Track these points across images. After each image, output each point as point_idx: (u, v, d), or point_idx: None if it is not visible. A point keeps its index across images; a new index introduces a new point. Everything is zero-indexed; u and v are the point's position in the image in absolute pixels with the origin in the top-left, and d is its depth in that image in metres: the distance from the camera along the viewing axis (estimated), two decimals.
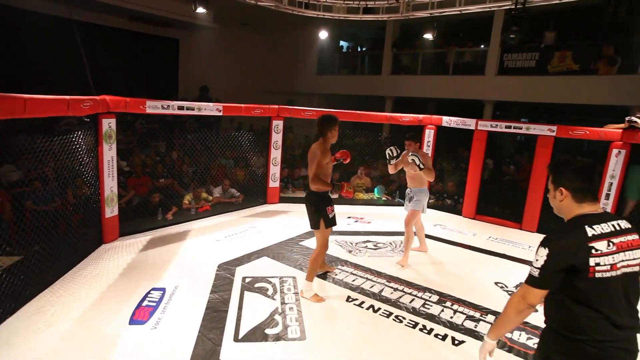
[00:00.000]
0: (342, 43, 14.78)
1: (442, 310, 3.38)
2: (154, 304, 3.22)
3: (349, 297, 3.54)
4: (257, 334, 2.88)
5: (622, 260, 1.44)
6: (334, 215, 3.47)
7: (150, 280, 3.60)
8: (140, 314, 3.06)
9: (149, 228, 4.95)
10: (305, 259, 4.29)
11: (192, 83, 11.21)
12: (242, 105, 5.85)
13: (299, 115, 6.46)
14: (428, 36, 8.34)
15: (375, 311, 3.32)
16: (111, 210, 4.48)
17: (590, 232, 1.44)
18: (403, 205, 6.85)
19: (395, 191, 7.27)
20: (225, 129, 8.74)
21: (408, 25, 10.93)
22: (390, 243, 5.03)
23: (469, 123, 6.30)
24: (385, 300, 3.49)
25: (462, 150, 7.00)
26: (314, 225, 3.45)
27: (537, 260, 1.49)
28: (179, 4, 10.16)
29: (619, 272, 1.43)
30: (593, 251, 1.42)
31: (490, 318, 3.31)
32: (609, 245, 1.43)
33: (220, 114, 5.57)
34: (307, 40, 12.83)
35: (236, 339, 2.82)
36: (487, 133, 6.13)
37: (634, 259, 1.47)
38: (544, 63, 8.89)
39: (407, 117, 6.77)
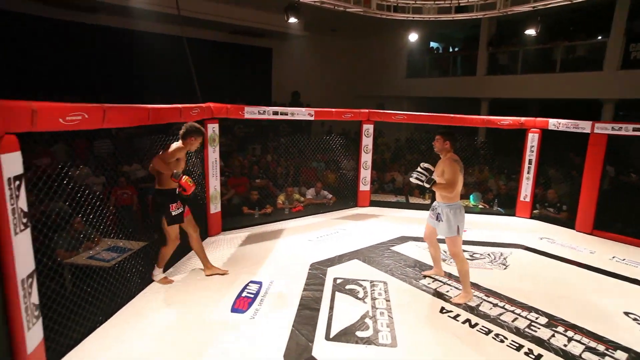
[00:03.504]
0: (432, 44, 14.28)
1: (553, 336, 3.02)
2: (252, 295, 3.43)
3: (443, 308, 3.37)
4: (348, 335, 2.90)
5: None
6: (179, 213, 3.42)
7: (249, 274, 3.85)
8: (240, 304, 3.28)
9: (247, 225, 5.32)
10: (397, 265, 4.21)
11: (285, 89, 11.81)
12: (333, 109, 5.97)
13: (389, 119, 6.39)
14: (530, 32, 7.57)
15: (472, 326, 3.11)
16: (215, 207, 4.91)
17: None
18: (502, 213, 6.41)
19: (493, 199, 6.76)
20: (315, 133, 9.02)
21: (506, 21, 10.14)
22: (489, 254, 4.67)
23: (583, 126, 5.57)
24: (484, 316, 3.25)
25: (573, 156, 6.23)
26: (158, 222, 3.43)
27: None
28: (272, 15, 10.77)
29: None
30: None
31: (620, 355, 2.81)
32: None
33: (312, 118, 5.75)
34: (396, 43, 12.65)
35: (327, 338, 2.86)
36: (607, 137, 5.37)
37: None
38: None
39: (507, 120, 6.25)
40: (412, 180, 3.43)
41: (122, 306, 3.16)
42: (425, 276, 3.94)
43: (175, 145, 3.40)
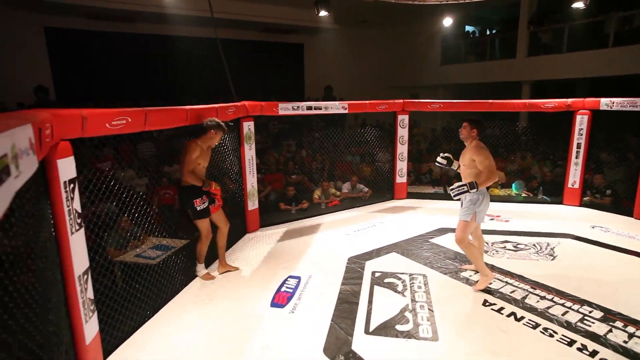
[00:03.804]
0: (468, 28, 13.72)
1: (610, 331, 2.83)
2: (291, 290, 3.48)
3: (485, 301, 3.26)
4: (387, 329, 2.87)
5: None
6: (204, 208, 3.44)
7: (287, 269, 3.91)
8: (280, 298, 3.35)
9: (284, 220, 5.40)
10: (436, 257, 4.12)
11: (317, 84, 11.81)
12: (367, 101, 5.90)
13: (425, 109, 6.23)
14: (579, 4, 7.01)
15: (517, 319, 2.98)
16: (252, 204, 5.01)
17: None
18: (547, 202, 6.09)
19: (537, 187, 6.43)
20: (349, 126, 8.97)
21: None
22: (535, 245, 4.46)
23: None
24: (530, 309, 3.11)
25: (630, 138, 5.77)
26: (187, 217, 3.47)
27: None
28: (302, 10, 10.79)
29: None
30: None
31: None
32: None
33: (346, 111, 5.72)
34: (428, 30, 12.29)
35: (367, 332, 2.85)
36: None
37: None
38: None
39: (552, 103, 5.89)
40: (454, 196, 3.31)
41: (167, 301, 3.31)
42: (463, 269, 3.83)
43: (190, 146, 3.38)
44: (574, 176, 5.92)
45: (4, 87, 8.05)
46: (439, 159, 3.67)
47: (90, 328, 2.29)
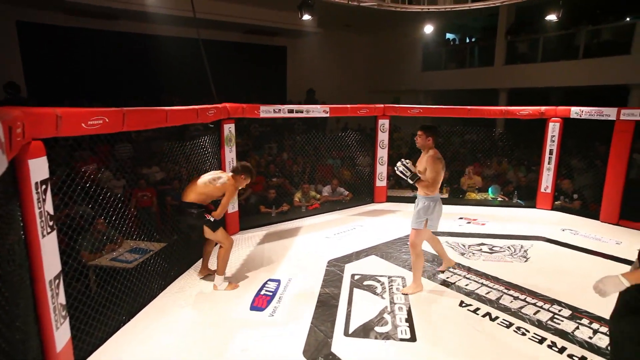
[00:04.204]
0: (448, 36, 14.04)
1: (577, 328, 2.96)
2: (271, 293, 3.47)
3: (462, 302, 3.33)
4: (366, 331, 2.90)
5: None
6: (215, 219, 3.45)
7: (267, 272, 3.89)
8: (259, 302, 3.33)
9: (264, 223, 5.38)
10: None
11: (300, 87, 11.83)
12: (348, 105, 5.95)
13: (405, 114, 6.33)
14: (552, 17, 7.31)
15: (492, 319, 3.07)
16: (232, 207, 4.97)
17: None
18: (522, 206, 6.28)
19: (512, 192, 6.62)
20: (331, 129, 9.02)
21: (525, 8, 9.85)
22: (509, 247, 4.59)
23: (608, 113, 5.39)
24: (504, 309, 3.20)
25: (598, 145, 6.03)
26: (198, 234, 3.45)
27: None
28: (286, 13, 10.79)
29: None
30: None
31: None
32: None
33: (327, 115, 5.75)
34: (411, 36, 12.48)
35: (346, 334, 2.87)
36: (635, 123, 5.17)
37: None
38: None
39: (526, 110, 6.10)
40: (397, 172, 3.31)
41: (144, 306, 3.24)
42: (441, 271, 3.90)
43: (230, 182, 3.48)
44: (547, 181, 6.13)
45: None
46: (400, 167, 3.31)
47: (61, 335, 2.22)
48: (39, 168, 2.06)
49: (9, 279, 1.70)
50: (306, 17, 7.18)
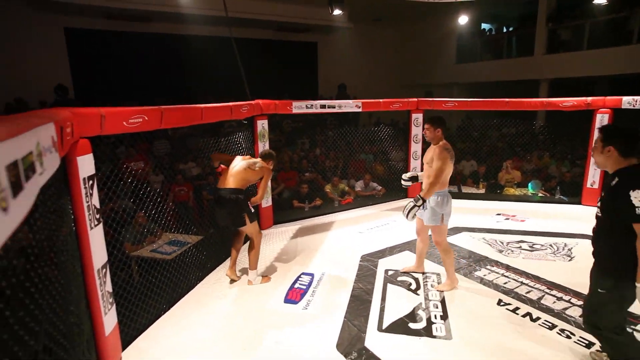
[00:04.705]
0: (484, 26, 13.53)
1: (631, 333, 2.78)
2: (304, 287, 3.50)
3: (500, 300, 3.22)
4: (400, 327, 2.87)
5: None
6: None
7: (301, 265, 3.93)
8: (293, 295, 3.37)
9: (297, 218, 5.43)
10: None
11: (331, 82, 11.80)
12: (381, 100, 5.88)
13: (439, 107, 6.17)
14: (601, 0, 6.81)
15: (533, 320, 2.94)
16: (266, 201, 5.05)
17: None
18: (565, 202, 5.98)
19: (555, 187, 6.31)
20: (363, 124, 8.95)
21: None
22: (551, 245, 4.38)
23: None
24: (547, 310, 3.06)
25: None
26: (239, 223, 3.38)
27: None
28: (316, 9, 10.78)
29: None
30: None
31: None
32: None
33: (360, 110, 5.71)
34: (444, 28, 12.15)
35: (380, 329, 2.85)
36: None
37: None
38: None
39: (570, 101, 5.77)
40: (409, 218, 3.15)
41: (183, 296, 3.37)
42: (404, 272, 3.73)
43: (265, 165, 3.57)
44: (593, 176, 5.79)
45: (27, 86, 8.27)
46: (403, 182, 3.65)
47: (109, 320, 2.35)
48: (86, 165, 2.18)
49: (63, 268, 1.81)
50: (337, 12, 7.15)
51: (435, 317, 2.98)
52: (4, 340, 1.05)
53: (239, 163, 3.51)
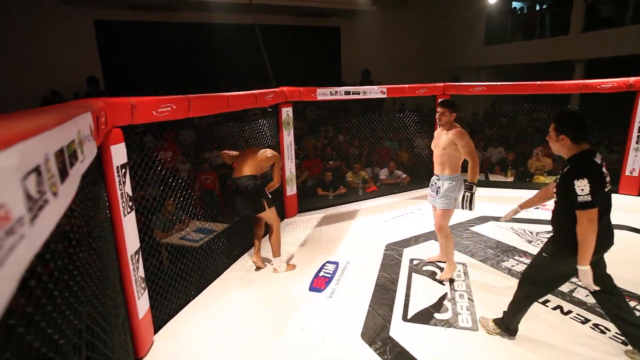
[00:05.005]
0: (514, 4, 12.91)
1: None
2: (329, 275, 3.53)
3: None
4: (426, 317, 2.85)
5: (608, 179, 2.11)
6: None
7: (325, 254, 3.95)
8: (318, 283, 3.40)
9: (322, 206, 5.45)
10: (477, 246, 4.01)
11: (354, 68, 11.61)
12: (406, 85, 5.75)
13: (467, 92, 5.98)
14: None
15: (564, 313, 2.86)
16: (291, 189, 5.08)
17: (596, 160, 2.07)
18: None
19: None
20: (387, 110, 8.80)
21: None
22: None
23: None
24: (579, 303, 2.97)
25: None
26: (258, 209, 3.41)
27: (582, 190, 1.98)
28: None
29: (609, 188, 2.12)
30: (604, 172, 2.07)
31: None
32: (604, 168, 2.09)
33: (385, 95, 5.61)
34: (471, 8, 11.69)
35: (405, 319, 2.85)
36: None
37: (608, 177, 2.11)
38: None
39: (610, 83, 5.45)
40: (473, 208, 3.19)
41: (210, 282, 3.46)
42: (429, 262, 3.69)
43: (275, 153, 3.66)
44: (633, 163, 5.50)
45: (61, 78, 8.58)
46: (465, 199, 3.22)
47: (142, 304, 2.45)
48: (119, 153, 2.24)
49: (100, 253, 1.89)
50: None
51: (462, 308, 2.95)
52: (53, 319, 1.10)
53: (250, 153, 3.60)
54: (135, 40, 9.98)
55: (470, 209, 3.19)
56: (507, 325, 2.55)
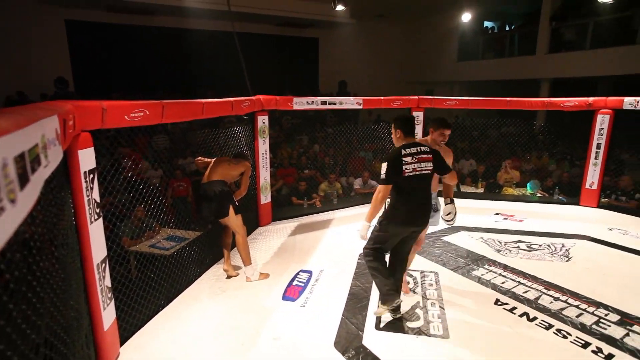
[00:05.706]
0: (486, 24, 13.49)
1: (628, 335, 2.78)
2: (303, 284, 3.51)
3: (497, 300, 3.24)
4: (398, 326, 2.88)
5: (420, 167, 2.64)
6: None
7: (299, 263, 3.94)
8: (291, 292, 3.38)
9: (296, 215, 5.43)
10: (448, 255, 4.10)
11: (332, 79, 11.77)
12: (382, 97, 5.86)
13: (440, 106, 6.16)
14: None
15: (530, 320, 2.96)
16: (265, 198, 5.05)
17: (403, 151, 2.62)
18: (563, 202, 5.99)
19: (553, 187, 6.33)
20: (363, 121, 8.93)
21: None
22: (549, 245, 4.40)
23: None
24: (544, 310, 3.08)
25: None
26: (223, 213, 3.41)
27: (382, 171, 2.64)
28: (319, 5, 10.73)
29: (417, 173, 2.64)
30: (403, 161, 2.60)
31: None
32: (412, 158, 2.62)
33: (361, 107, 5.69)
34: (446, 26, 12.12)
35: (378, 327, 2.86)
36: None
37: (426, 167, 2.66)
38: None
39: (572, 102, 5.77)
40: (454, 222, 3.22)
41: (181, 292, 3.37)
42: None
43: (245, 162, 3.73)
44: (593, 177, 5.81)
45: (27, 78, 8.24)
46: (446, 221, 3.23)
47: (108, 315, 2.35)
48: (87, 158, 2.17)
49: (63, 262, 1.81)
50: (339, 7, 7.13)
51: (433, 316, 3.00)
52: (7, 334, 1.05)
53: (222, 160, 3.61)
54: (110, 42, 9.74)
55: (454, 223, 3.22)
56: (383, 300, 2.84)
